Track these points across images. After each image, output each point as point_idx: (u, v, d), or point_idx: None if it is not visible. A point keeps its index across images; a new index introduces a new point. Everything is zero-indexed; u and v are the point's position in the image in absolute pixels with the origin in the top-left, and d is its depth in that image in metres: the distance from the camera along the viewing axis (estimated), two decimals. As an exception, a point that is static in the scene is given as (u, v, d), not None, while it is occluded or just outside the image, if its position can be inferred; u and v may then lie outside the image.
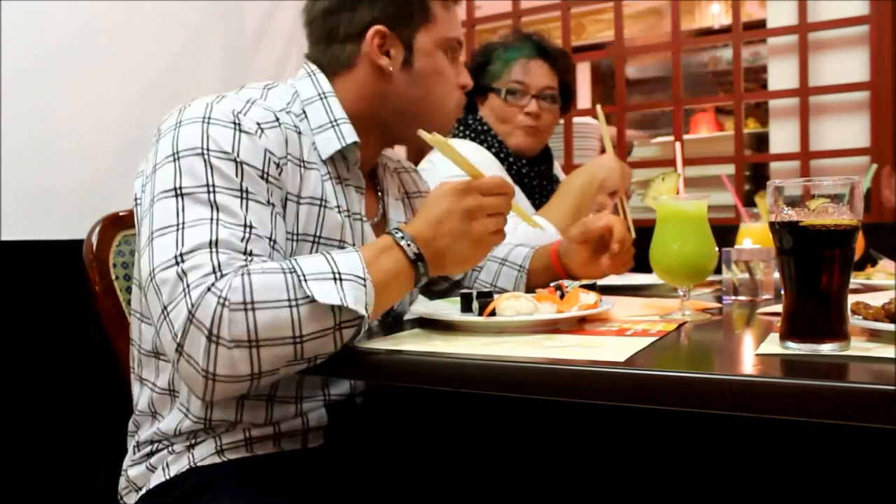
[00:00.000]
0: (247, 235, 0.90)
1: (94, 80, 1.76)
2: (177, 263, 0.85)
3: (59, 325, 1.63)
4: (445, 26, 1.13)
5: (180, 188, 0.91)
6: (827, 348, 0.77)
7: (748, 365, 0.77)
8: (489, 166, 1.74)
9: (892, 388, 0.62)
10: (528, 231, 1.58)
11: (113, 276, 1.26)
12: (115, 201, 1.42)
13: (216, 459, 1.03)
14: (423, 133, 1.00)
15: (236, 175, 0.93)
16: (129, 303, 1.25)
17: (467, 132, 1.83)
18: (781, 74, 2.24)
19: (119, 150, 1.79)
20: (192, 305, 0.82)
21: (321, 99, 1.09)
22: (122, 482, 1.11)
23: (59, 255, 1.60)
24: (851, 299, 0.83)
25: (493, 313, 0.99)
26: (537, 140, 1.87)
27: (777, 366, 0.75)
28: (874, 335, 0.84)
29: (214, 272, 0.84)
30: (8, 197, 1.58)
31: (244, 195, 0.93)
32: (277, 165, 0.98)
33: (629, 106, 2.54)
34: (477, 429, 1.18)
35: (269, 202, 0.96)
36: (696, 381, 0.70)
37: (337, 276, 0.86)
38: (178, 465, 1.04)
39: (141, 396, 1.10)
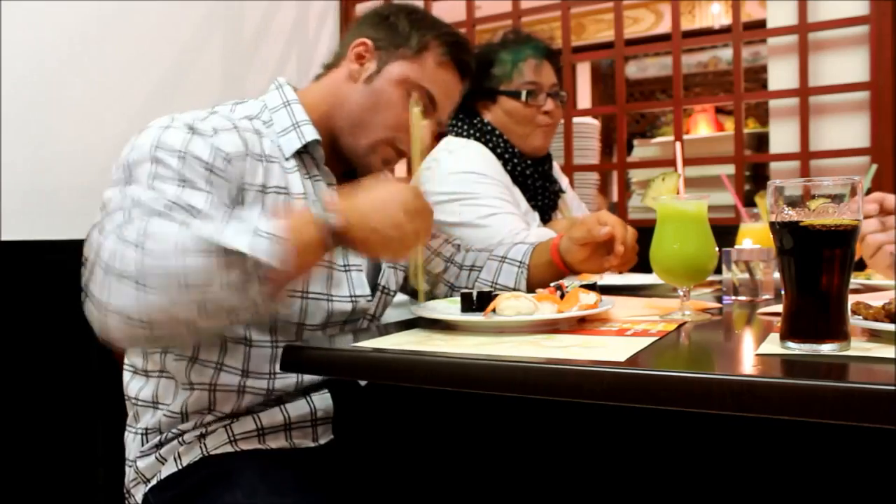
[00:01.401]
0: (168, 204, 0.94)
1: (94, 81, 1.76)
2: (101, 221, 0.92)
3: (59, 325, 1.62)
4: (425, 75, 1.19)
5: (129, 179, 0.99)
6: (827, 348, 0.77)
7: (748, 365, 0.78)
8: (490, 165, 1.74)
9: (892, 388, 0.62)
10: (542, 233, 1.58)
11: (113, 276, 1.25)
12: (115, 201, 1.42)
13: (229, 449, 1.05)
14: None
15: (179, 165, 0.99)
16: (129, 303, 1.25)
17: (472, 132, 1.82)
18: (781, 74, 2.24)
19: (119, 150, 1.78)
20: (100, 246, 0.87)
21: (285, 106, 1.17)
22: (131, 474, 1.12)
23: (59, 255, 1.60)
24: (851, 299, 0.83)
25: (493, 313, 1.00)
26: (551, 139, 1.87)
27: (777, 366, 0.75)
28: (874, 335, 0.84)
29: (125, 222, 0.89)
30: (8, 197, 1.58)
31: (182, 182, 0.98)
32: (227, 159, 1.03)
33: (629, 106, 2.54)
34: (477, 428, 1.18)
35: (207, 190, 0.99)
36: (696, 381, 0.70)
37: (229, 219, 0.89)
38: (191, 456, 1.06)
39: (141, 388, 1.12)
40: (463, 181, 1.67)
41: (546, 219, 1.86)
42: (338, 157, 1.20)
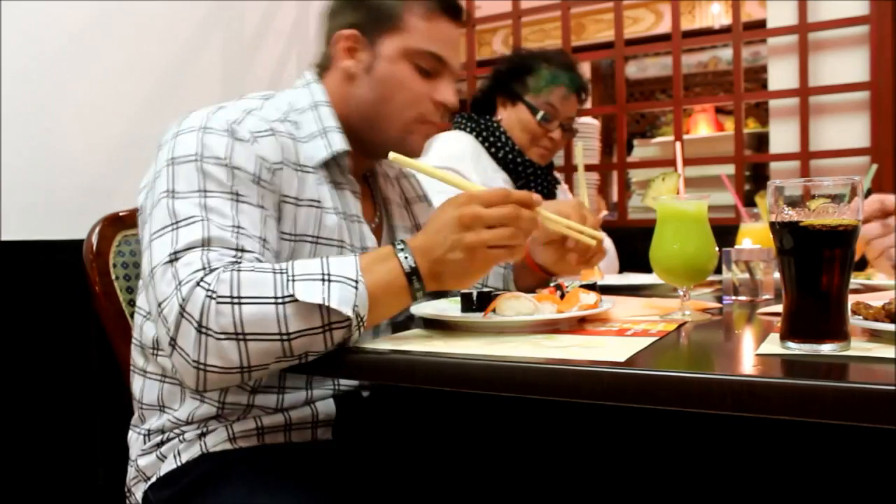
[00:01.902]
0: (237, 233, 0.94)
1: (94, 80, 1.76)
2: (171, 262, 0.90)
3: (59, 325, 1.63)
4: (419, 37, 1.12)
5: (174, 192, 0.96)
6: (827, 348, 0.77)
7: (748, 365, 0.78)
8: (472, 154, 1.79)
9: (892, 388, 0.62)
10: None
11: (113, 276, 1.26)
12: (115, 201, 1.42)
13: (228, 446, 1.05)
14: (391, 155, 1.00)
15: (227, 179, 0.97)
16: (129, 303, 1.26)
17: (475, 126, 1.88)
18: (781, 74, 2.24)
19: (119, 150, 1.79)
20: (183, 300, 0.86)
21: (312, 109, 1.13)
22: (132, 472, 1.12)
23: (59, 255, 1.60)
24: (851, 299, 0.83)
25: (493, 313, 0.99)
26: (547, 161, 1.98)
27: (777, 366, 0.75)
28: (874, 335, 0.84)
29: (204, 268, 0.88)
30: (8, 197, 1.58)
31: (235, 198, 0.97)
32: (270, 171, 1.02)
33: (629, 106, 2.54)
34: (478, 428, 1.18)
35: (260, 205, 0.99)
36: (696, 381, 0.70)
37: (326, 277, 0.88)
38: (190, 453, 1.06)
39: (147, 390, 1.12)
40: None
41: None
42: (357, 162, 1.16)
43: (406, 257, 0.93)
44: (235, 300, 0.85)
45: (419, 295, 0.94)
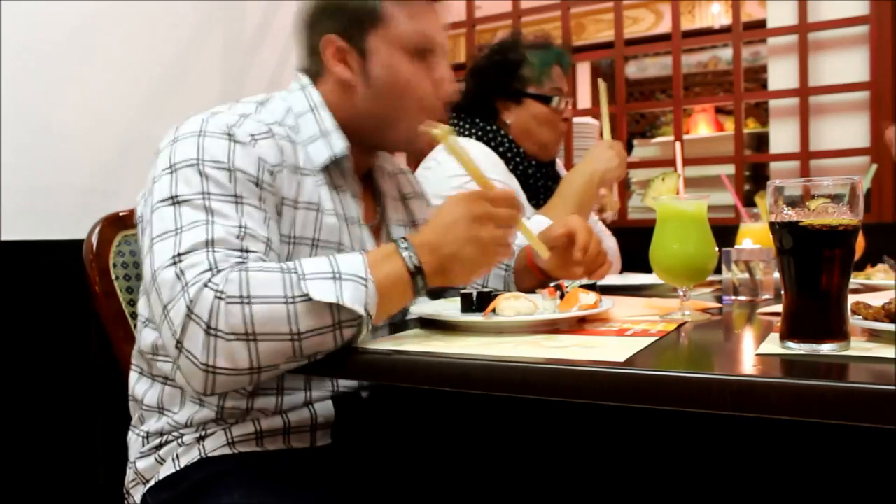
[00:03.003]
0: (242, 234, 0.93)
1: (94, 80, 1.76)
2: (175, 263, 0.88)
3: (59, 325, 1.63)
4: (404, 24, 1.12)
5: (177, 196, 0.95)
6: (827, 348, 0.77)
7: (748, 365, 0.78)
8: (492, 164, 1.73)
9: (892, 388, 0.62)
10: (539, 219, 1.57)
11: (113, 276, 1.26)
12: (115, 201, 1.42)
13: (227, 451, 1.05)
14: (429, 127, 1.00)
15: (230, 182, 0.97)
16: (129, 303, 1.26)
17: (475, 131, 1.81)
18: (781, 74, 2.24)
19: (119, 150, 1.79)
20: (191, 301, 0.85)
21: (312, 111, 1.12)
22: (130, 475, 1.12)
23: (59, 255, 1.60)
24: (851, 299, 0.83)
25: (493, 313, 0.99)
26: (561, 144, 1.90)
27: (777, 366, 0.75)
28: (874, 335, 0.84)
29: (211, 269, 0.87)
30: (8, 197, 1.58)
31: (238, 200, 0.96)
32: (271, 173, 1.01)
33: (629, 106, 2.54)
34: (478, 428, 1.18)
35: (261, 207, 0.99)
36: (696, 381, 0.70)
37: (337, 275, 0.87)
38: (189, 457, 1.05)
39: (147, 392, 1.11)
40: (462, 186, 1.66)
41: None
42: (358, 162, 1.17)
43: (410, 256, 0.93)
44: (245, 300, 0.84)
45: (422, 292, 0.95)
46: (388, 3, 1.11)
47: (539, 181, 1.83)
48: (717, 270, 1.19)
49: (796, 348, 0.78)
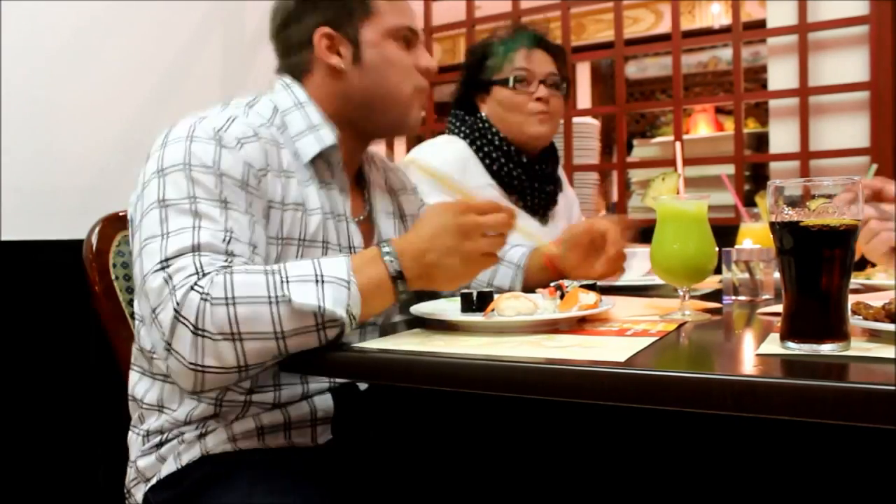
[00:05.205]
0: (227, 238, 0.95)
1: (94, 80, 1.76)
2: (163, 269, 0.91)
3: (59, 325, 1.63)
4: (390, 16, 1.17)
5: (164, 200, 0.97)
6: (827, 348, 0.77)
7: (748, 365, 0.78)
8: (460, 165, 1.72)
9: (892, 388, 0.62)
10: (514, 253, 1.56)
11: (113, 276, 1.26)
12: (115, 201, 1.42)
13: (228, 448, 1.05)
14: (418, 172, 1.03)
15: (216, 186, 0.99)
16: (129, 303, 1.26)
17: (466, 130, 1.80)
18: (781, 74, 2.24)
19: (119, 149, 1.79)
20: (178, 304, 0.88)
21: (298, 108, 1.15)
22: (131, 474, 1.12)
23: (59, 255, 1.60)
24: (851, 299, 0.83)
25: (493, 313, 0.99)
26: (550, 127, 1.83)
27: (777, 366, 0.75)
28: (874, 335, 0.84)
29: (197, 273, 0.90)
30: (8, 197, 1.58)
31: (224, 204, 0.98)
32: (256, 176, 1.04)
33: (629, 106, 2.54)
34: (478, 428, 1.18)
35: (247, 211, 1.01)
36: (696, 381, 0.70)
37: (319, 278, 0.90)
38: (190, 455, 1.06)
39: (147, 391, 1.12)
40: (421, 181, 1.65)
41: (544, 219, 1.84)
42: (346, 155, 1.19)
43: (391, 261, 0.96)
44: (230, 301, 0.87)
45: (403, 296, 0.98)
46: None
47: (524, 182, 1.78)
48: (718, 270, 1.19)
49: (796, 348, 0.78)
